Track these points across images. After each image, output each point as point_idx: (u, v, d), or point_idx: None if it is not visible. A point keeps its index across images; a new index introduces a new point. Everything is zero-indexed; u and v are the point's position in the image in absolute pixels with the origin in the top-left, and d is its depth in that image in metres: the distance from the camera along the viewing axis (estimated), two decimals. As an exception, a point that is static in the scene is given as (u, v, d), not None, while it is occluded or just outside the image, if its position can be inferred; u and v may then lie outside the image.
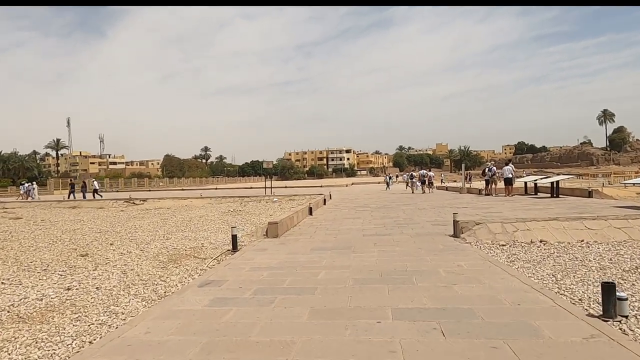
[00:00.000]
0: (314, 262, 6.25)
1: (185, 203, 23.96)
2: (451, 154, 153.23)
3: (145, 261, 6.66)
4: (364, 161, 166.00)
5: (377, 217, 12.50)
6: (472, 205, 15.51)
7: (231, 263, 6.36)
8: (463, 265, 5.61)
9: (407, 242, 7.64)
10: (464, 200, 18.09)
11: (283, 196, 24.67)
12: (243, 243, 8.37)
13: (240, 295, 4.55)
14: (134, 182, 68.90)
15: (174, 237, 9.58)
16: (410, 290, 4.49)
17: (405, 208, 15.26)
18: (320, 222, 11.53)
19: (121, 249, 7.95)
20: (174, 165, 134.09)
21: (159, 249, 7.77)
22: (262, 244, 8.15)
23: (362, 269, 5.63)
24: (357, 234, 8.96)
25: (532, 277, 5.05)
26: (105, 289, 5.02)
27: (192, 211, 17.95)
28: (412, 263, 5.85)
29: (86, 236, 10.21)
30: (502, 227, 7.66)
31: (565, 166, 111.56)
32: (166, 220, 14.04)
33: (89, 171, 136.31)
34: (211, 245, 8.16)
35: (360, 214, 13.69)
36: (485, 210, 13.07)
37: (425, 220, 11.01)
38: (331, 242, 8.11)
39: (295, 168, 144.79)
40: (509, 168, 19.61)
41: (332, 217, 12.80)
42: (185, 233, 10.28)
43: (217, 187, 55.40)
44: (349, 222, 11.44)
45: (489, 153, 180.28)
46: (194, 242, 8.68)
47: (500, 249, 6.80)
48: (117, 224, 13.32)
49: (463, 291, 4.40)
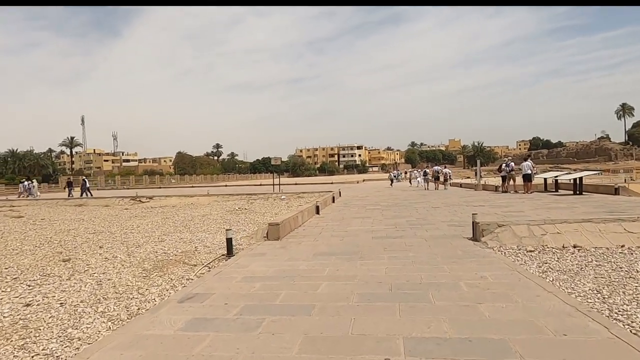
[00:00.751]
0: (315, 270, 5.50)
1: (191, 201, 23.43)
2: (464, 150, 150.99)
3: (128, 268, 5.99)
4: (376, 157, 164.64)
5: (388, 216, 11.69)
6: (489, 203, 14.59)
7: (222, 271, 5.65)
8: (488, 276, 4.81)
9: (421, 247, 6.84)
10: (480, 198, 17.16)
11: (291, 194, 23.98)
12: (241, 246, 7.66)
13: (223, 315, 3.83)
14: (145, 180, 68.99)
15: (169, 239, 8.92)
16: (426, 311, 3.72)
17: (419, 206, 14.42)
18: (327, 222, 10.77)
19: (108, 253, 7.31)
20: (186, 162, 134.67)
21: (148, 254, 7.10)
22: (260, 247, 7.43)
23: (369, 280, 4.86)
24: (365, 236, 8.19)
25: (572, 293, 4.23)
26: (70, 305, 4.34)
27: (196, 209, 17.35)
28: (428, 273, 5.07)
29: (78, 237, 9.62)
30: (528, 229, 6.81)
31: (583, 162, 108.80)
32: (167, 219, 13.44)
33: (103, 168, 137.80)
34: (206, 249, 7.47)
35: (370, 213, 12.90)
36: (504, 209, 12.17)
37: (440, 221, 10.18)
38: (337, 245, 7.35)
39: (306, 165, 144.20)
40: (528, 164, 18.60)
41: (340, 217, 12.04)
42: (182, 234, 9.62)
43: (226, 184, 55.02)
44: (357, 222, 10.66)
45: (503, 149, 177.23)
46: (188, 245, 8.01)
47: (528, 255, 5.96)
48: (116, 223, 12.75)
49: (491, 313, 3.61)
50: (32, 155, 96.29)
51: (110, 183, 61.96)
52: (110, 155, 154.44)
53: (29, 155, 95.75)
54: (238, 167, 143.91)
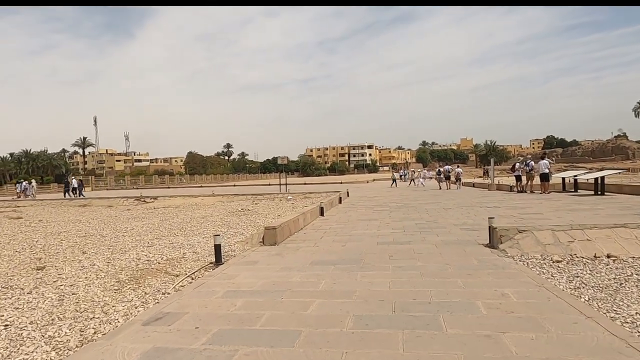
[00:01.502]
0: (308, 284, 4.82)
1: (195, 201, 22.93)
2: (476, 149, 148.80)
3: (102, 279, 5.36)
4: (386, 157, 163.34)
5: (397, 218, 10.95)
6: (505, 204, 13.75)
7: (205, 283, 4.99)
8: (510, 294, 4.07)
9: (431, 255, 6.11)
10: (494, 199, 16.29)
11: (298, 194, 23.33)
12: (233, 252, 7.02)
13: (189, 344, 3.16)
14: (155, 180, 69.02)
15: (160, 243, 8.31)
16: (436, 343, 3.00)
17: (429, 208, 13.63)
18: (331, 225, 10.07)
19: (88, 260, 6.71)
20: (196, 162, 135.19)
21: (130, 261, 6.48)
22: (254, 254, 6.76)
23: (369, 297, 4.16)
24: (370, 242, 7.47)
25: (616, 318, 3.47)
26: (16, 327, 3.72)
27: (198, 211, 16.79)
28: (439, 289, 4.34)
29: (65, 241, 9.08)
30: (553, 235, 6.02)
31: (599, 161, 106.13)
32: (165, 221, 12.87)
33: (115, 168, 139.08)
34: (194, 256, 6.83)
35: (378, 214, 12.16)
36: (521, 210, 11.34)
37: (453, 224, 9.41)
38: (338, 252, 6.65)
39: (316, 164, 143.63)
40: (546, 162, 17.68)
41: (346, 219, 11.32)
42: (176, 238, 9.01)
43: (235, 184, 54.62)
44: (363, 224, 9.95)
45: (516, 147, 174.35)
46: (177, 250, 7.38)
47: (555, 267, 5.18)
48: (112, 225, 12.22)
49: (519, 348, 2.87)
50: (45, 156, 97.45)
51: (121, 183, 62.03)
52: (122, 155, 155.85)
53: (42, 156, 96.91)
54: (248, 167, 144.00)
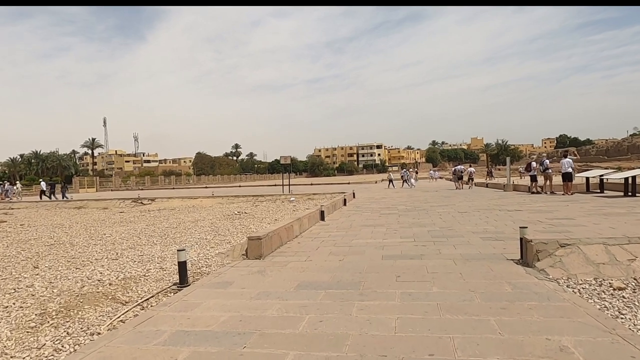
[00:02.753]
0: (287, 320, 3.59)
1: (194, 203, 21.86)
2: (487, 148, 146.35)
3: (22, 310, 4.18)
4: (395, 157, 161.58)
5: (406, 224, 9.67)
6: (526, 207, 12.38)
7: (153, 318, 3.79)
8: (571, 347, 2.79)
9: (450, 275, 4.83)
10: (513, 201, 14.91)
11: (302, 195, 22.14)
12: (209, 268, 5.82)
13: None
14: (161, 180, 68.37)
15: (129, 254, 7.15)
16: None
17: (442, 211, 12.31)
18: (330, 232, 8.83)
19: (29, 279, 5.55)
20: (205, 162, 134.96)
21: (77, 282, 5.29)
22: (231, 271, 5.55)
23: (366, 348, 2.92)
24: (373, 255, 6.22)
25: None
26: None
27: (192, 213, 15.66)
28: (465, 334, 3.08)
29: (24, 252, 7.96)
30: (606, 251, 4.71)
31: (614, 160, 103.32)
32: (151, 225, 11.75)
33: (124, 169, 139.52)
34: (159, 273, 5.64)
35: (385, 219, 10.89)
36: (548, 214, 9.98)
37: (471, 231, 8.10)
38: (333, 270, 5.41)
39: (324, 164, 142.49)
40: (569, 161, 16.25)
41: (348, 224, 10.07)
42: (152, 248, 7.86)
43: (240, 185, 53.62)
44: (367, 231, 8.69)
45: (528, 147, 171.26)
46: (143, 265, 6.20)
47: (619, 297, 3.87)
48: (92, 231, 11.13)
49: None
50: (54, 157, 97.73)
51: (127, 184, 61.42)
52: (131, 156, 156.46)
53: (51, 157, 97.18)
54: (257, 167, 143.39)
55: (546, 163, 16.86)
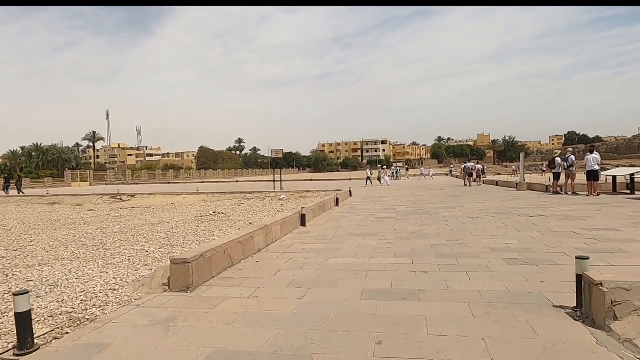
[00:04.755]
0: None
1: (176, 200, 20.03)
2: (495, 145, 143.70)
3: None
4: (401, 152, 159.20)
5: (403, 233, 7.70)
6: (550, 211, 10.35)
7: None
8: None
9: (463, 346, 2.88)
10: (531, 202, 12.87)
11: (293, 193, 20.23)
12: (101, 309, 3.91)
13: None
14: (159, 174, 66.71)
15: (20, 276, 5.25)
16: None
17: (449, 215, 10.33)
18: (306, 245, 6.89)
19: None
20: (207, 157, 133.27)
21: None
22: (124, 319, 3.61)
23: None
24: (350, 289, 4.27)
25: None
26: None
27: (164, 213, 13.79)
28: None
29: None
30: None
31: (625, 157, 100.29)
32: (106, 228, 9.88)
33: (127, 163, 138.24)
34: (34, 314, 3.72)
35: (379, 225, 8.93)
36: (582, 223, 7.94)
37: (489, 247, 6.11)
38: (278, 322, 3.45)
39: (328, 160, 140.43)
40: (596, 157, 14.17)
41: (333, 232, 8.12)
42: (70, 264, 5.96)
43: (238, 180, 51.82)
44: (353, 244, 6.73)
45: (535, 144, 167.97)
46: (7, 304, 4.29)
47: None
48: (30, 233, 9.26)
49: None
50: (55, 150, 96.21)
51: (121, 178, 59.78)
52: (134, 149, 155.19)
53: (52, 150, 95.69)
54: (260, 162, 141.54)
55: (571, 159, 14.78)
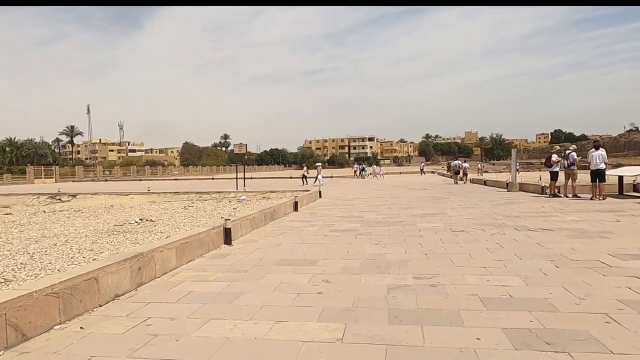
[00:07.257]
0: None
1: (121, 200, 17.44)
2: (482, 142, 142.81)
3: None
4: (388, 149, 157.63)
5: (355, 260, 5.30)
6: (554, 221, 8.05)
7: None
8: None
9: None
10: (528, 208, 10.62)
11: (256, 193, 17.77)
12: None
13: None
14: (133, 170, 63.57)
15: None
16: None
17: (427, 227, 7.99)
18: (197, 286, 4.47)
19: None
20: (192, 153, 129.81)
21: None
22: None
23: None
24: None
25: None
26: None
27: (87, 219, 11.22)
28: None
29: None
30: None
31: (610, 156, 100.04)
32: None
33: (108, 158, 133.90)
34: None
35: (330, 243, 6.53)
36: (605, 242, 5.50)
37: (479, 296, 3.75)
38: None
39: (315, 157, 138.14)
40: (602, 154, 12.02)
41: (258, 258, 5.70)
42: None
43: (213, 178, 49.18)
44: (271, 283, 4.33)
45: (522, 142, 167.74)
46: None
47: None
48: None
49: None
50: (31, 144, 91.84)
51: (90, 175, 56.55)
52: (116, 145, 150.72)
53: (27, 144, 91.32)
54: (246, 159, 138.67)
55: (572, 157, 12.62)
